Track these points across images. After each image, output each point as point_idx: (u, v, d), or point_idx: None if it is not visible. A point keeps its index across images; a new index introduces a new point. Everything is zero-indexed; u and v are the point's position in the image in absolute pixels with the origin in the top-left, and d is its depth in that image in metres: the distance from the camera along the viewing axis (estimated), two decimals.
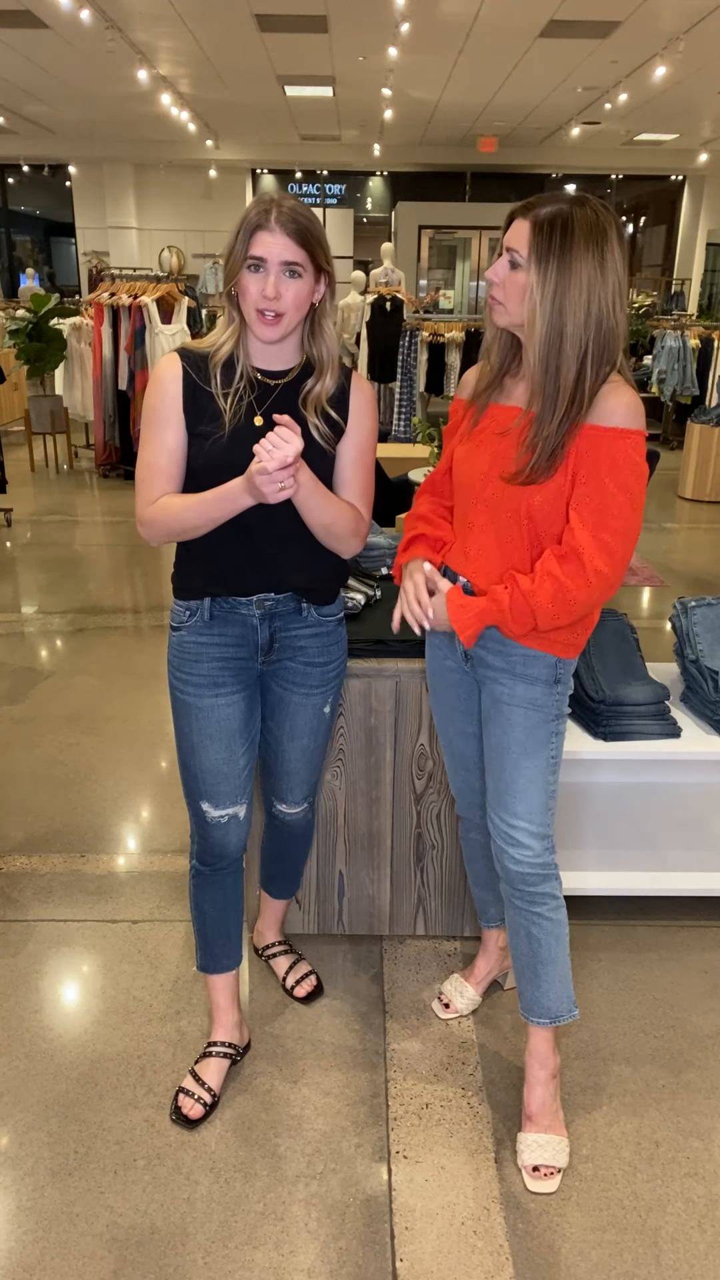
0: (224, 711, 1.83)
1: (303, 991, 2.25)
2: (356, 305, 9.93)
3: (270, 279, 1.61)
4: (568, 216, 1.50)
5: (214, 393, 1.69)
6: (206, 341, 1.73)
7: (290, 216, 1.60)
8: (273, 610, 1.81)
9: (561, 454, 1.57)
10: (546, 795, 1.79)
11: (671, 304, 13.30)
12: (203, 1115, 1.93)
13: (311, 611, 1.84)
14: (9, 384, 9.72)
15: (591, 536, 1.57)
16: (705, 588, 5.44)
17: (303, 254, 1.61)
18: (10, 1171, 1.82)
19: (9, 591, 5.22)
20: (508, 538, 1.67)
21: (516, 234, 1.55)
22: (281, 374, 1.73)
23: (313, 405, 1.71)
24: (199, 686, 1.81)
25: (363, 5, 7.69)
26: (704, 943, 2.48)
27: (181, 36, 8.81)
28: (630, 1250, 1.69)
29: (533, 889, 1.81)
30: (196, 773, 1.87)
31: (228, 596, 1.78)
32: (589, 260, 1.50)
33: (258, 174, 16.12)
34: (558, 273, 1.50)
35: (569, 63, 9.42)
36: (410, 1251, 1.68)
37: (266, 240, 1.59)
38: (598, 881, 2.49)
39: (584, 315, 1.52)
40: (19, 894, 2.63)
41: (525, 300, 1.55)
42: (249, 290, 1.62)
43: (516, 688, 1.74)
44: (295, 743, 1.95)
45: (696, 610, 2.59)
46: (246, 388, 1.70)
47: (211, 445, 1.68)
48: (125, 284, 7.75)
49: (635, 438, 1.57)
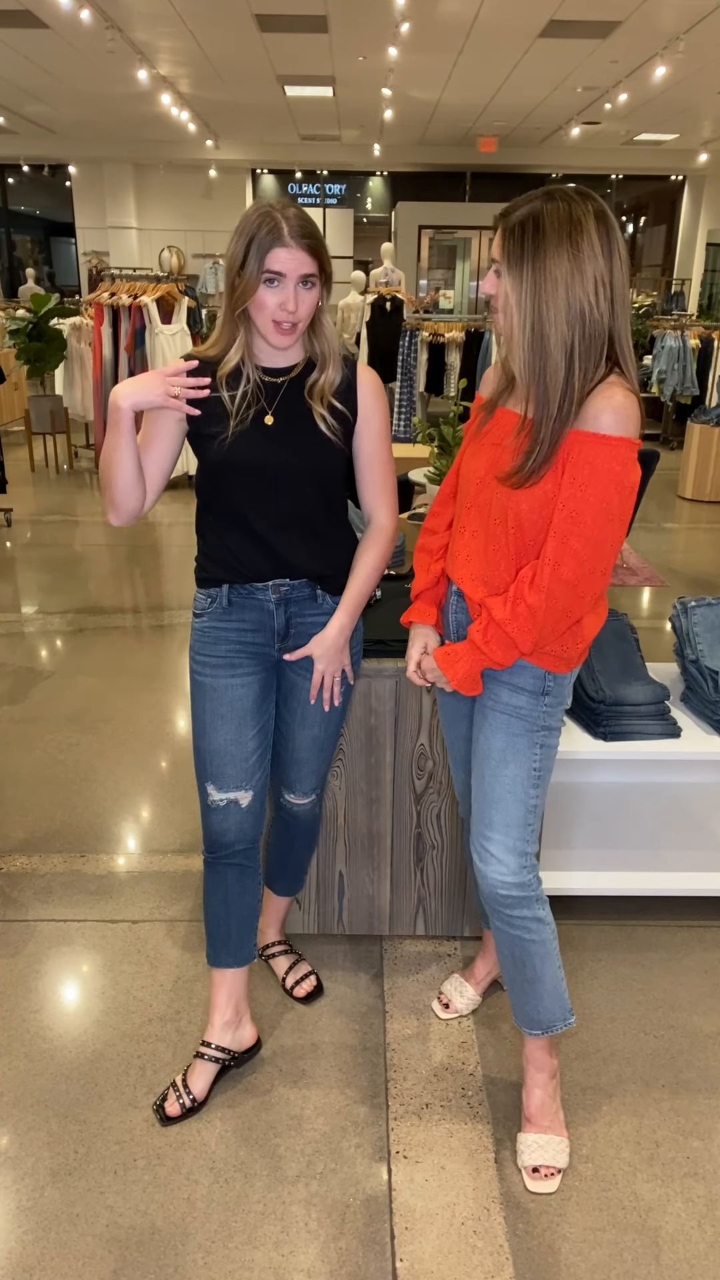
0: (237, 692, 1.87)
1: (302, 992, 2.25)
2: (356, 305, 9.94)
3: (289, 292, 1.65)
4: (538, 214, 1.46)
5: (222, 395, 1.74)
6: (211, 349, 1.77)
7: (300, 229, 1.64)
8: (288, 595, 1.85)
9: (549, 459, 1.52)
10: (525, 809, 1.73)
11: (671, 304, 13.29)
12: (180, 1115, 1.93)
13: (326, 599, 1.88)
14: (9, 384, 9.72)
15: (560, 544, 1.53)
16: (705, 588, 5.44)
17: (316, 264, 1.67)
18: (10, 1171, 1.82)
19: (9, 591, 5.22)
20: (494, 544, 1.64)
21: (497, 242, 1.53)
22: (285, 370, 1.78)
23: (318, 396, 1.76)
24: (215, 667, 1.86)
25: (363, 5, 7.69)
26: (704, 943, 2.48)
27: (181, 36, 8.82)
28: (630, 1250, 1.69)
29: (510, 912, 1.75)
30: (205, 753, 1.90)
31: (244, 584, 1.83)
32: (562, 256, 1.44)
33: (258, 174, 16.13)
34: (531, 274, 1.46)
35: (569, 63, 9.43)
36: (410, 1251, 1.68)
37: (284, 257, 1.63)
38: (597, 881, 2.49)
39: (564, 313, 1.46)
40: (19, 894, 2.63)
41: (504, 304, 1.52)
42: (267, 303, 1.66)
43: (501, 693, 1.71)
44: (306, 731, 1.97)
45: (696, 610, 2.59)
46: (255, 390, 1.75)
47: (222, 444, 1.74)
48: (125, 284, 7.74)
49: (619, 446, 1.48)
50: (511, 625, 1.59)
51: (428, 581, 1.86)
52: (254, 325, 1.72)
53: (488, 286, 1.59)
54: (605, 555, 1.54)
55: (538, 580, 1.56)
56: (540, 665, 1.67)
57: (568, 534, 1.52)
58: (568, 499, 1.51)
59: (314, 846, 2.24)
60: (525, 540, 1.60)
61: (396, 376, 9.31)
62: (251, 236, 1.63)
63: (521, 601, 1.58)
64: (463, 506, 1.73)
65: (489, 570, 1.66)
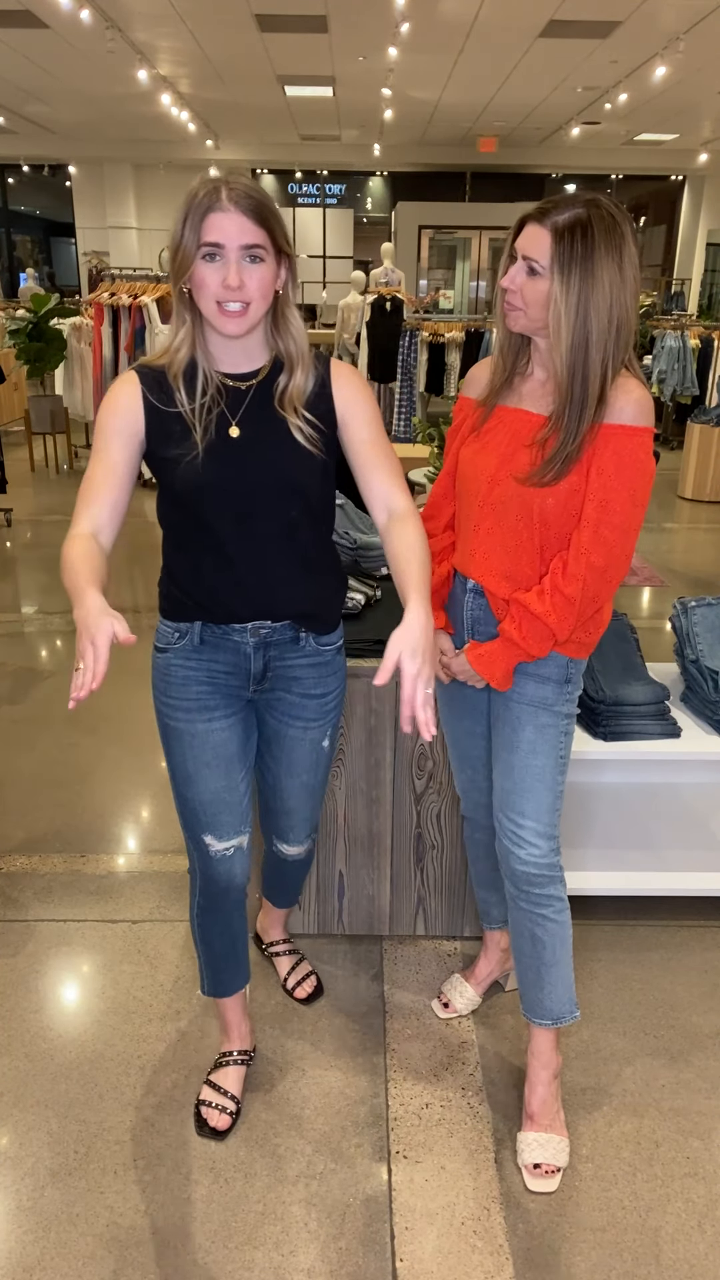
0: (219, 736, 1.71)
1: (303, 993, 2.25)
2: (356, 305, 9.93)
3: (231, 266, 1.43)
4: (586, 222, 1.50)
5: (180, 410, 1.53)
6: (161, 354, 1.56)
7: (244, 193, 1.42)
8: (268, 639, 1.67)
9: (577, 455, 1.58)
10: (554, 795, 1.80)
11: (671, 304, 13.29)
12: (229, 1126, 1.90)
13: (310, 640, 1.70)
14: (9, 384, 9.71)
15: (592, 533, 1.60)
16: (705, 588, 5.44)
17: (263, 234, 1.44)
18: (10, 1171, 1.82)
19: (9, 591, 5.22)
20: (517, 540, 1.68)
21: (534, 241, 1.54)
22: (251, 375, 1.57)
23: (290, 405, 1.55)
24: (188, 711, 1.69)
25: (363, 5, 7.69)
26: (704, 943, 2.48)
27: (181, 36, 8.81)
28: (630, 1250, 1.69)
29: (539, 890, 1.81)
30: (195, 805, 1.74)
31: (219, 624, 1.65)
32: (610, 265, 1.51)
33: (258, 174, 16.12)
34: (580, 280, 1.51)
35: (569, 63, 9.42)
36: (410, 1251, 1.68)
37: (221, 222, 1.41)
38: (598, 881, 2.49)
39: (607, 320, 1.53)
40: (19, 894, 2.63)
41: (548, 308, 1.55)
42: (207, 282, 1.45)
43: (527, 686, 1.75)
44: (294, 779, 1.83)
45: (696, 610, 2.59)
46: (215, 396, 1.54)
47: (187, 467, 1.52)
48: (125, 284, 7.74)
49: (643, 435, 1.59)
50: (551, 617, 1.63)
51: (434, 584, 1.85)
52: (204, 318, 1.50)
53: (515, 280, 1.59)
54: (631, 541, 1.63)
55: (571, 570, 1.62)
56: (564, 653, 1.73)
57: (599, 523, 1.59)
58: (597, 489, 1.59)
59: (309, 870, 2.22)
60: (550, 535, 1.65)
61: (396, 376, 9.31)
62: (190, 204, 1.42)
63: (558, 592, 1.63)
64: (471, 505, 1.74)
65: (513, 566, 1.70)
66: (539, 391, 1.68)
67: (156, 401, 1.54)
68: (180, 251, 1.45)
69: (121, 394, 1.54)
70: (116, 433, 1.53)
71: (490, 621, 1.76)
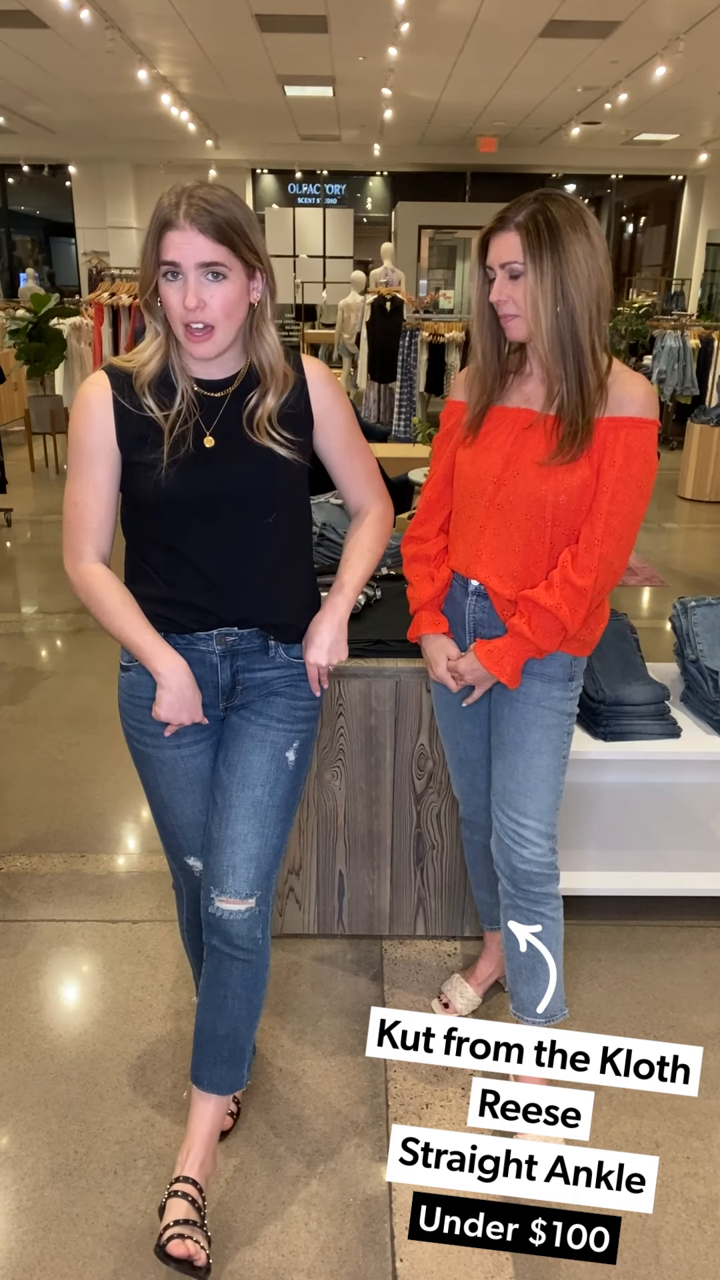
0: (191, 762, 1.64)
1: (180, 1252, 1.55)
2: (356, 305, 9.93)
3: (189, 286, 1.38)
4: (544, 209, 1.57)
5: (152, 415, 1.48)
6: (134, 358, 1.52)
7: (201, 208, 1.35)
8: (235, 647, 1.59)
9: (589, 433, 1.61)
10: (556, 795, 1.81)
11: (671, 304, 13.29)
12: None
13: (280, 651, 1.62)
14: (9, 384, 9.70)
15: (603, 524, 1.63)
16: (705, 588, 5.44)
17: (223, 251, 1.37)
18: (10, 1171, 1.82)
19: (9, 591, 5.22)
20: (526, 538, 1.69)
21: (505, 247, 1.59)
22: (225, 383, 1.52)
23: (261, 428, 1.50)
24: (156, 736, 1.61)
25: (363, 5, 7.68)
26: (704, 943, 2.48)
27: (181, 36, 8.81)
28: (630, 1250, 1.69)
29: (538, 889, 1.82)
30: (174, 829, 1.70)
31: (182, 633, 1.57)
32: (579, 236, 1.56)
33: (258, 174, 16.13)
34: (553, 257, 1.55)
35: (569, 63, 9.42)
36: (410, 1251, 1.68)
37: (177, 241, 1.36)
38: (598, 881, 2.49)
39: (585, 286, 1.57)
40: (19, 894, 2.63)
41: (528, 298, 1.58)
42: (169, 302, 1.40)
43: (533, 686, 1.76)
44: (245, 793, 1.61)
45: (696, 610, 2.60)
46: (190, 406, 1.49)
47: (158, 475, 1.47)
48: (125, 284, 7.74)
49: (650, 428, 1.63)
50: (563, 609, 1.65)
51: (434, 590, 1.85)
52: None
53: (502, 291, 1.62)
54: (635, 531, 1.67)
55: (583, 562, 1.64)
56: (567, 651, 1.75)
57: (609, 514, 1.62)
58: (608, 481, 1.62)
59: (258, 1009, 1.69)
60: (560, 530, 1.67)
61: (396, 376, 9.30)
62: (152, 218, 1.38)
63: (569, 585, 1.65)
64: (475, 506, 1.74)
65: (522, 566, 1.70)
66: (539, 390, 1.68)
67: (128, 405, 1.49)
68: (143, 267, 1.42)
69: (93, 399, 1.50)
70: (95, 450, 1.50)
71: (495, 623, 1.76)
